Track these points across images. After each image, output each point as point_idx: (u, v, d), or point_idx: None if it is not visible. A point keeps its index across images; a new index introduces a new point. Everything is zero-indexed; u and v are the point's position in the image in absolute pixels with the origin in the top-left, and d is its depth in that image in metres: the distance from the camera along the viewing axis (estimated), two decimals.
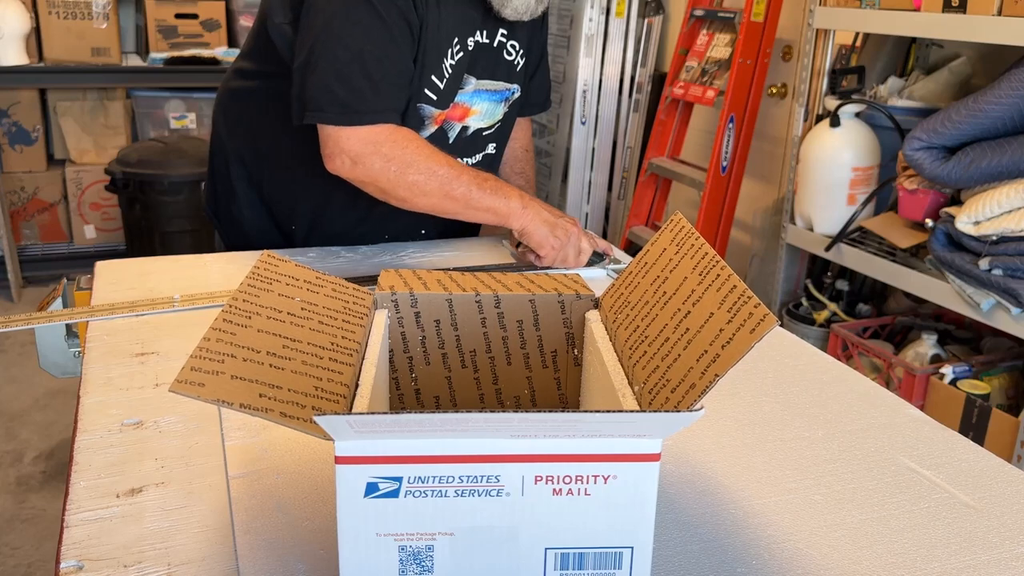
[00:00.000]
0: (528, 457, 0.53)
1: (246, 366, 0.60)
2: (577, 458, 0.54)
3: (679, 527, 0.69)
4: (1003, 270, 1.82)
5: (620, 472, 0.54)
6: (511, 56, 1.34)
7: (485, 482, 0.54)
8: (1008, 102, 1.81)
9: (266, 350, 0.63)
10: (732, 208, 2.98)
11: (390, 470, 0.53)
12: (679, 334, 0.64)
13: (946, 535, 0.69)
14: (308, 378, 0.62)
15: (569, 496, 0.54)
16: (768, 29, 2.81)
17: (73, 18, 3.31)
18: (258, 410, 0.56)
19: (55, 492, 2.18)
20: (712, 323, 0.61)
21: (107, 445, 0.78)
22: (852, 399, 0.92)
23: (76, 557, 0.63)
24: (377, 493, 0.54)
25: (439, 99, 1.26)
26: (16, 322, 1.04)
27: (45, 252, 3.57)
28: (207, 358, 0.59)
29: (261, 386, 0.59)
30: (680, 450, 0.80)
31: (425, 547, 0.55)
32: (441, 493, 0.54)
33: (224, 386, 0.57)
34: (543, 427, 0.52)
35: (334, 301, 0.75)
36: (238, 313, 0.66)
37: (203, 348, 0.59)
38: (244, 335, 0.64)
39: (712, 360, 0.58)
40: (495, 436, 0.53)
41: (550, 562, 0.56)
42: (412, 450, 0.53)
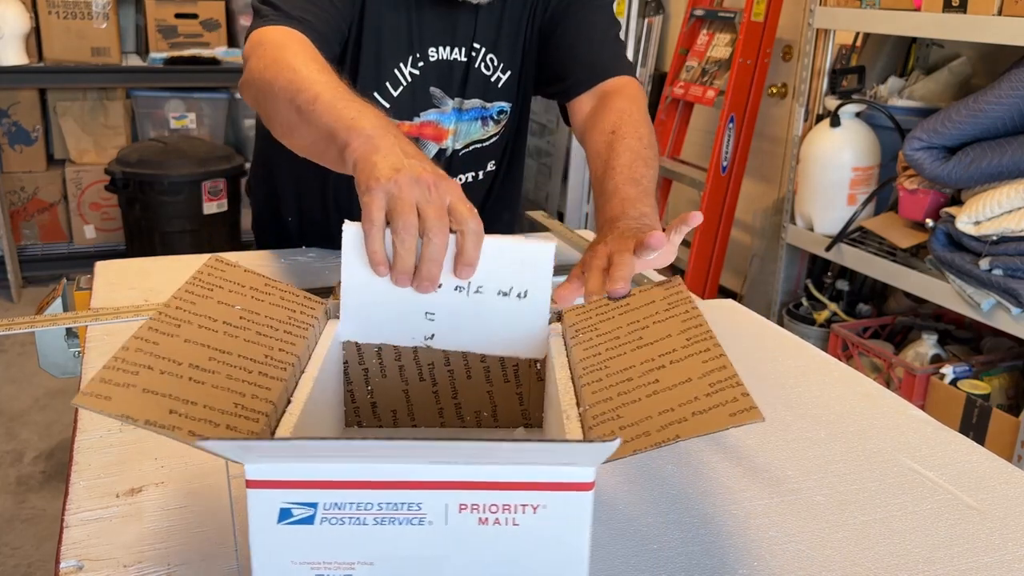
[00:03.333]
0: (451, 484, 0.50)
1: (162, 379, 0.57)
2: (502, 486, 0.50)
3: (680, 528, 0.68)
4: (1003, 270, 1.82)
5: (549, 502, 0.51)
6: (488, 72, 1.24)
7: (406, 510, 0.51)
8: (1008, 102, 1.81)
9: (188, 362, 0.60)
10: (732, 208, 2.98)
11: (304, 495, 0.50)
12: (646, 380, 0.61)
13: (948, 536, 0.69)
14: (229, 393, 0.59)
15: (496, 526, 0.51)
16: (768, 29, 2.81)
17: (73, 18, 3.31)
18: (164, 428, 0.52)
19: (55, 492, 2.18)
20: (687, 388, 0.58)
21: (107, 445, 0.77)
22: (854, 400, 0.92)
23: (76, 557, 0.63)
24: (291, 519, 0.51)
25: (393, 108, 1.20)
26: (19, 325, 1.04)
27: (45, 252, 3.57)
28: (121, 369, 0.56)
29: (174, 401, 0.55)
30: (681, 451, 0.80)
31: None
32: (359, 520, 0.51)
33: (132, 400, 0.54)
34: (459, 455, 0.49)
35: (279, 310, 0.71)
36: (167, 321, 0.63)
37: (118, 359, 0.56)
38: (168, 345, 0.60)
39: (678, 420, 0.55)
40: (414, 462, 0.50)
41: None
42: (328, 475, 0.50)
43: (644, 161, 1.03)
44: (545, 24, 1.25)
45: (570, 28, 1.23)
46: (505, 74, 1.26)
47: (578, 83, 1.21)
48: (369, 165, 0.73)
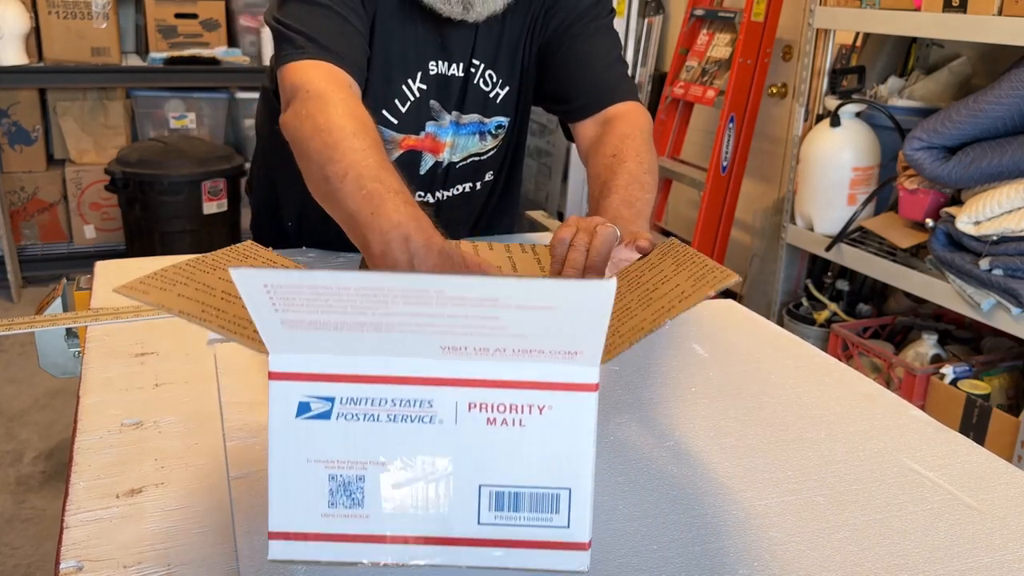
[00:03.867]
0: (461, 381, 0.52)
1: (196, 292, 0.61)
2: (511, 383, 0.52)
3: (680, 528, 0.68)
4: (1003, 270, 1.82)
5: (555, 403, 0.52)
6: (487, 87, 1.24)
7: (418, 407, 0.53)
8: (1008, 102, 1.81)
9: (221, 290, 0.63)
10: (732, 208, 2.98)
11: (323, 388, 0.52)
12: (642, 303, 0.65)
13: (949, 537, 0.69)
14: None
15: (504, 427, 0.53)
16: (768, 29, 2.81)
17: (73, 18, 3.31)
18: (197, 318, 0.55)
19: (55, 492, 2.17)
20: (675, 290, 0.62)
21: (107, 445, 0.77)
22: (854, 400, 0.92)
23: (76, 557, 0.63)
24: (309, 414, 0.53)
25: (400, 123, 1.21)
26: (19, 325, 1.04)
27: (45, 252, 3.57)
28: (159, 279, 0.60)
29: (206, 307, 0.58)
30: (682, 451, 0.80)
31: (356, 477, 0.53)
32: (373, 417, 0.53)
33: (168, 297, 0.57)
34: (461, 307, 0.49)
35: None
36: (205, 264, 0.68)
37: (156, 274, 0.61)
38: (204, 277, 0.65)
39: (666, 309, 0.59)
40: (425, 349, 0.51)
41: (484, 501, 0.53)
42: (345, 368, 0.52)
43: (641, 185, 1.04)
44: (546, 43, 1.24)
45: (573, 51, 1.22)
46: (504, 90, 1.26)
47: (582, 108, 1.21)
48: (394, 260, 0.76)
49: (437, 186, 1.29)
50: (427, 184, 1.28)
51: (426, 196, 1.29)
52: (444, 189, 1.30)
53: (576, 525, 0.53)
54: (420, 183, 1.27)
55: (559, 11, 1.22)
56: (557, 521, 0.53)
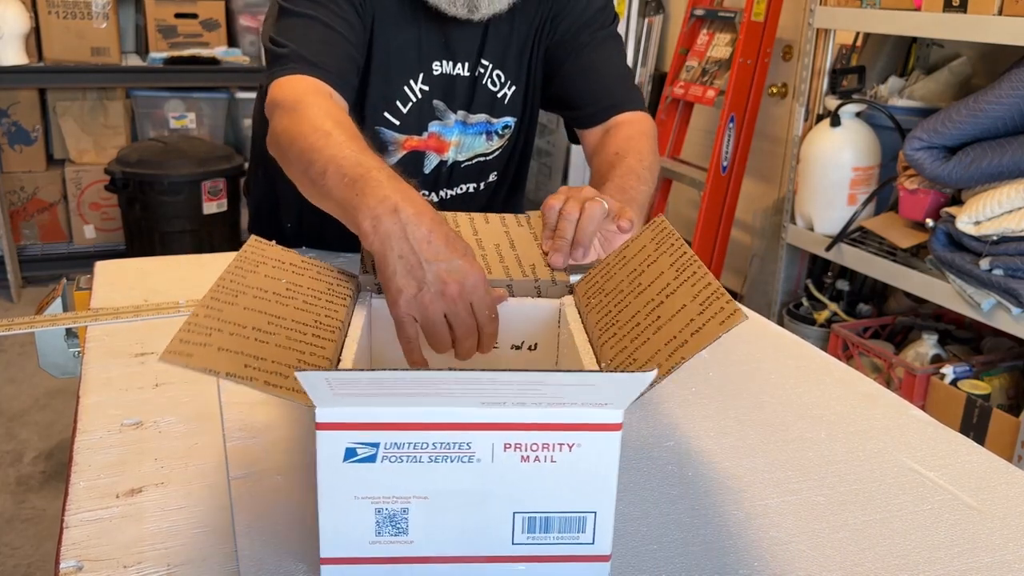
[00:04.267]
0: (497, 425, 0.57)
1: (232, 339, 0.62)
2: (543, 427, 0.57)
3: (680, 528, 0.68)
4: (1004, 270, 1.82)
5: (583, 441, 0.57)
6: (495, 88, 1.25)
7: (457, 449, 0.57)
8: (1008, 102, 1.81)
9: (251, 326, 0.65)
10: (732, 208, 2.98)
11: (368, 436, 0.56)
12: (650, 321, 0.67)
13: (949, 537, 0.69)
14: (291, 352, 0.65)
15: (536, 463, 0.58)
16: (768, 29, 2.81)
17: (73, 18, 3.31)
18: (243, 379, 0.58)
19: (55, 492, 2.17)
20: (683, 314, 0.65)
21: (107, 445, 0.77)
22: (854, 400, 0.92)
23: (76, 557, 0.63)
24: (355, 458, 0.57)
25: (402, 124, 1.21)
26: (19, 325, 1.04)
27: (45, 252, 3.57)
28: (195, 331, 0.61)
29: (246, 357, 0.61)
30: (682, 451, 0.80)
31: (400, 509, 0.58)
32: (416, 459, 0.57)
33: (211, 356, 0.59)
34: (509, 389, 0.55)
35: (318, 283, 0.77)
36: (225, 292, 0.69)
37: (191, 323, 0.62)
38: (230, 312, 0.66)
39: (680, 345, 0.62)
40: (466, 404, 0.56)
41: (518, 525, 0.59)
42: (388, 417, 0.56)
43: (637, 176, 1.06)
44: (553, 48, 1.25)
45: (582, 60, 1.23)
46: (511, 90, 1.27)
47: (591, 116, 1.23)
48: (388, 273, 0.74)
49: (441, 185, 1.29)
50: (431, 183, 1.28)
51: (430, 195, 1.29)
52: (448, 188, 1.30)
53: (600, 541, 0.60)
54: (424, 182, 1.27)
55: (567, 16, 1.23)
56: (583, 539, 0.60)
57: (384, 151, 1.22)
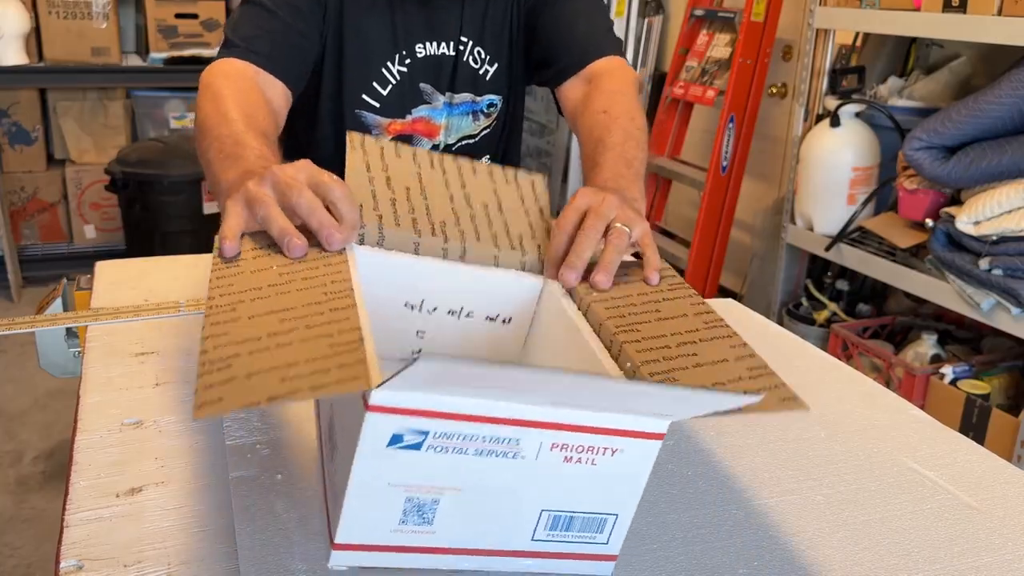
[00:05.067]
0: (549, 425, 0.56)
1: (254, 359, 0.57)
2: (592, 430, 0.56)
3: (680, 527, 0.68)
4: (1003, 270, 1.82)
5: (626, 446, 0.57)
6: (477, 65, 1.25)
7: (506, 444, 0.56)
8: (1008, 102, 1.81)
9: (266, 333, 0.60)
10: (732, 208, 2.98)
11: (419, 423, 0.54)
12: (684, 352, 0.65)
13: (949, 536, 0.69)
14: (319, 340, 0.59)
15: (578, 464, 0.57)
16: (768, 29, 2.81)
17: (73, 18, 3.31)
18: (288, 396, 0.53)
19: (55, 492, 2.17)
20: (727, 367, 0.63)
21: (107, 445, 0.77)
22: (854, 399, 0.92)
23: (76, 557, 0.63)
24: (401, 444, 0.55)
25: (383, 107, 1.21)
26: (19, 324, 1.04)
27: (45, 252, 3.57)
28: (214, 370, 0.56)
29: (278, 371, 0.56)
30: (682, 450, 0.80)
31: (431, 500, 0.57)
32: (462, 451, 0.55)
33: (243, 390, 0.54)
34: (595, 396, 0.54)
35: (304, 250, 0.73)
36: (221, 311, 0.64)
37: (205, 362, 0.57)
38: (237, 330, 0.61)
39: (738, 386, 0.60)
40: (528, 402, 0.54)
41: (542, 522, 0.59)
42: (443, 406, 0.54)
43: (636, 142, 1.00)
44: (530, 10, 1.24)
45: (555, 12, 1.21)
46: (493, 67, 1.26)
47: (566, 67, 1.18)
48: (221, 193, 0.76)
49: None
50: None
51: None
52: None
53: (613, 541, 0.61)
54: None
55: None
56: (599, 539, 0.61)
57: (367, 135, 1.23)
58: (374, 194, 0.79)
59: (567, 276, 0.76)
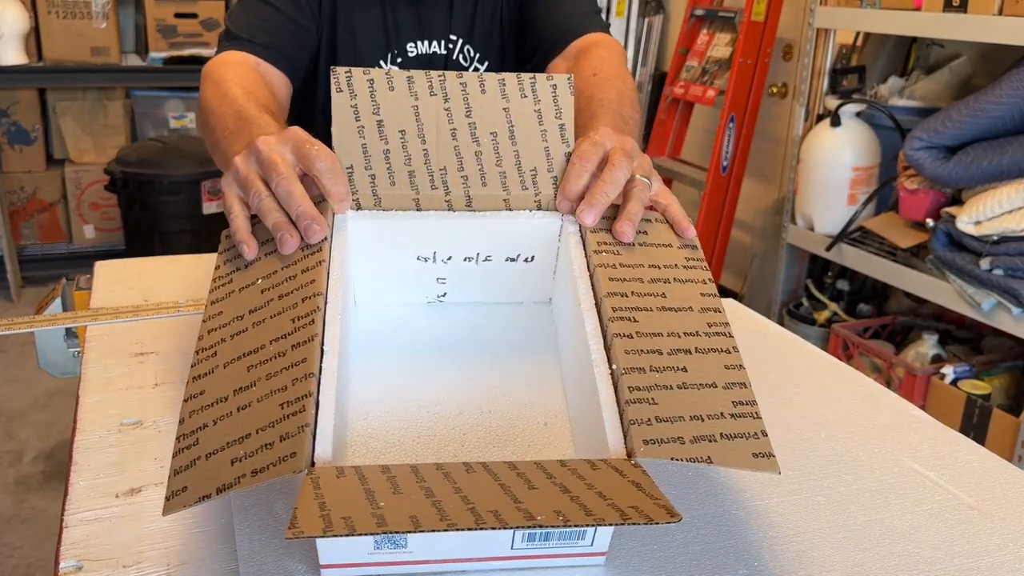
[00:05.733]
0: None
1: (216, 430, 0.58)
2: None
3: (680, 528, 0.68)
4: (1004, 270, 1.82)
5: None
6: (466, 63, 1.24)
7: None
8: (1009, 102, 1.81)
9: (233, 389, 0.60)
10: (732, 208, 2.97)
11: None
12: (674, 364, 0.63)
13: (949, 537, 0.69)
14: (273, 397, 0.59)
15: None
16: (768, 29, 2.81)
17: (72, 18, 3.31)
18: (234, 486, 0.53)
19: (55, 492, 2.17)
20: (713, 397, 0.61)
21: (106, 445, 0.77)
22: (854, 400, 0.92)
23: (75, 557, 0.63)
24: None
25: None
26: (18, 324, 1.04)
27: (44, 252, 3.57)
28: (185, 447, 0.58)
29: (231, 449, 0.56)
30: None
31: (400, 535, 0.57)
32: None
33: (201, 477, 0.55)
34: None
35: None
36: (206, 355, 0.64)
37: (181, 435, 0.59)
38: (212, 386, 0.61)
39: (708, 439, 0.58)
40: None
41: (519, 536, 0.59)
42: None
43: (631, 103, 0.95)
44: (520, 5, 1.23)
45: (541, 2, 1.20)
46: (483, 65, 1.26)
47: (552, 46, 1.16)
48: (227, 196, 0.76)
49: None
50: None
51: None
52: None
53: (598, 542, 0.60)
54: None
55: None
56: (582, 544, 0.60)
57: None
58: (365, 149, 0.73)
59: (586, 216, 0.71)
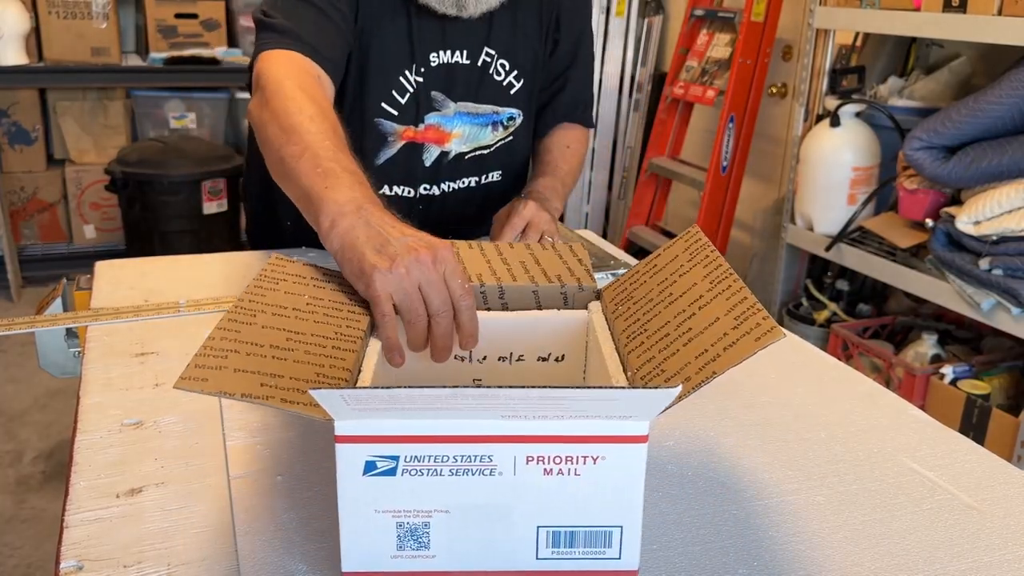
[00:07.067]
0: (519, 438, 0.55)
1: (248, 360, 0.61)
2: (566, 439, 0.55)
3: (680, 528, 0.68)
4: (1003, 270, 1.82)
5: (608, 453, 0.56)
6: (500, 77, 1.26)
7: (479, 462, 0.56)
8: (1008, 102, 1.81)
9: (269, 344, 0.64)
10: (732, 208, 2.98)
11: (387, 449, 0.55)
12: (680, 331, 0.65)
13: (948, 537, 0.69)
14: (310, 366, 0.63)
15: (560, 476, 0.56)
16: (768, 29, 2.81)
17: (73, 18, 3.31)
18: (259, 398, 0.57)
19: (55, 492, 2.17)
20: (717, 326, 0.62)
21: (107, 445, 0.77)
22: (854, 400, 0.92)
23: (76, 557, 0.63)
24: (375, 471, 0.56)
25: (400, 115, 1.22)
26: (19, 324, 1.04)
27: (45, 252, 3.57)
28: (211, 355, 0.60)
29: (262, 376, 0.60)
30: (682, 450, 0.80)
31: (422, 524, 0.57)
32: (437, 472, 0.56)
33: (226, 379, 0.58)
34: (529, 405, 0.53)
35: (340, 295, 0.76)
36: (244, 312, 0.68)
37: (207, 347, 0.61)
38: (248, 332, 0.65)
39: (712, 359, 0.59)
40: (486, 416, 0.54)
41: (542, 539, 0.58)
42: (408, 430, 0.55)
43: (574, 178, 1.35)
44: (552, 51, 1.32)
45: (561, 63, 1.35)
46: (519, 82, 1.28)
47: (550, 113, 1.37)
48: (358, 255, 0.74)
49: (443, 177, 1.29)
50: (432, 176, 1.28)
51: (431, 188, 1.29)
52: (451, 181, 1.30)
53: (626, 556, 0.58)
54: (426, 175, 1.27)
55: (569, 22, 1.31)
56: (609, 554, 0.58)
57: (384, 142, 1.24)
58: None
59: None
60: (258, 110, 0.99)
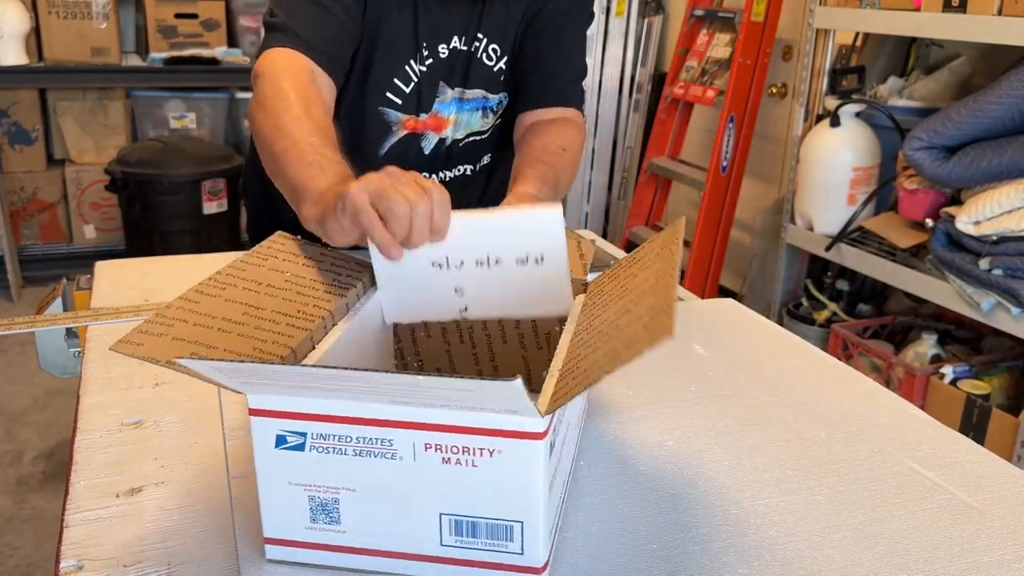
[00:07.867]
0: (418, 425, 0.57)
1: (193, 330, 0.64)
2: (462, 430, 0.56)
3: (680, 528, 0.68)
4: (1003, 270, 1.82)
5: (504, 448, 0.56)
6: (491, 62, 1.25)
7: (379, 445, 0.58)
8: (1008, 102, 1.81)
9: (222, 316, 0.66)
10: (732, 208, 2.98)
11: (296, 425, 0.58)
12: (612, 329, 0.63)
13: (948, 536, 0.69)
14: (251, 340, 0.65)
15: (458, 466, 0.57)
16: (768, 29, 2.82)
17: (73, 18, 3.31)
18: (179, 367, 0.58)
19: (55, 492, 2.17)
20: (635, 325, 0.60)
21: (107, 445, 0.78)
22: (854, 399, 0.92)
23: (76, 557, 0.63)
24: (286, 445, 0.59)
25: (404, 104, 1.22)
26: (19, 324, 1.04)
27: (45, 252, 3.57)
28: (159, 323, 0.63)
29: (197, 346, 0.62)
30: (681, 450, 0.80)
31: (332, 499, 0.60)
32: (342, 451, 0.58)
33: (160, 346, 0.60)
34: (404, 391, 0.55)
35: (326, 274, 0.77)
36: (214, 285, 0.70)
37: (159, 315, 0.63)
38: (208, 304, 0.67)
39: (613, 357, 0.56)
40: (374, 401, 0.56)
41: (445, 527, 0.59)
42: (315, 408, 0.57)
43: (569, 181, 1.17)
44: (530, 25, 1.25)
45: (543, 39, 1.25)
46: (507, 66, 1.27)
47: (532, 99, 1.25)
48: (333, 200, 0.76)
49: (439, 166, 1.30)
50: (430, 164, 1.28)
51: (431, 176, 1.29)
52: (446, 169, 1.31)
53: (529, 552, 0.59)
54: (425, 163, 1.27)
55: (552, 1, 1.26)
56: (512, 548, 0.59)
57: (388, 131, 1.24)
58: None
59: None
60: (253, 108, 1.02)
